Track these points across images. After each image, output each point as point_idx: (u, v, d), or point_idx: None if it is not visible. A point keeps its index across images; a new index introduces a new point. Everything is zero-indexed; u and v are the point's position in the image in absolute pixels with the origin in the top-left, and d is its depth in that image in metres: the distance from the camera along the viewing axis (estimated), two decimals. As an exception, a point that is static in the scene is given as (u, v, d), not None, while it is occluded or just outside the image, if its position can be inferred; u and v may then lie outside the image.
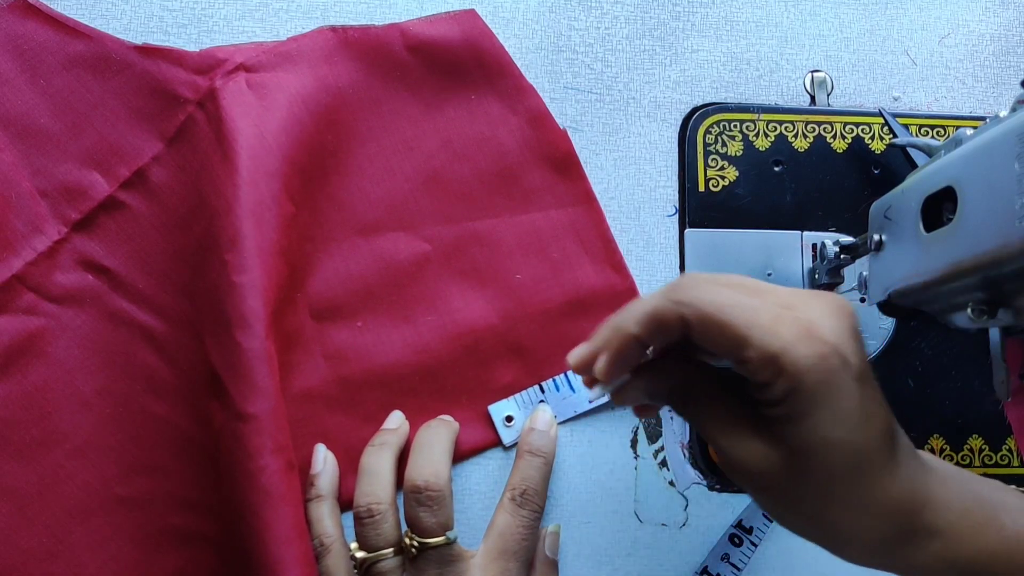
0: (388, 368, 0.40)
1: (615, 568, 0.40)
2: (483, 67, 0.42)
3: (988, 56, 0.47)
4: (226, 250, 0.36)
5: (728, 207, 0.43)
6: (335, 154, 0.41)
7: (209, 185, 0.38)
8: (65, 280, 0.39)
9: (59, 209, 0.39)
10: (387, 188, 0.41)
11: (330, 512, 0.38)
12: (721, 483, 0.41)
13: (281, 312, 0.38)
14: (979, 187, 0.27)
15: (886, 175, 0.44)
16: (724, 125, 0.44)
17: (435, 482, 0.36)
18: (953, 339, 0.43)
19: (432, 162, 0.42)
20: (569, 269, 0.42)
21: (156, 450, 0.38)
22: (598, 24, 0.45)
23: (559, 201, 0.42)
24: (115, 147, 0.40)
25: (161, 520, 0.38)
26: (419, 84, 0.42)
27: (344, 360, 0.40)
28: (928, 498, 0.28)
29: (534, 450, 0.39)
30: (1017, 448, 0.43)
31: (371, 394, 0.40)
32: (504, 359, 0.41)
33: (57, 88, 0.40)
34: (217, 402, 0.36)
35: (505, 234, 0.42)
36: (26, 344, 0.38)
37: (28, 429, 0.37)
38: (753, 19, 0.46)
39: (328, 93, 0.41)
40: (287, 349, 0.39)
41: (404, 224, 0.41)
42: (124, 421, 0.38)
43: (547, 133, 0.42)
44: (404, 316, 0.41)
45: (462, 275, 0.41)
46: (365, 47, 0.41)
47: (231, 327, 0.36)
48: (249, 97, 0.39)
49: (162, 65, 0.40)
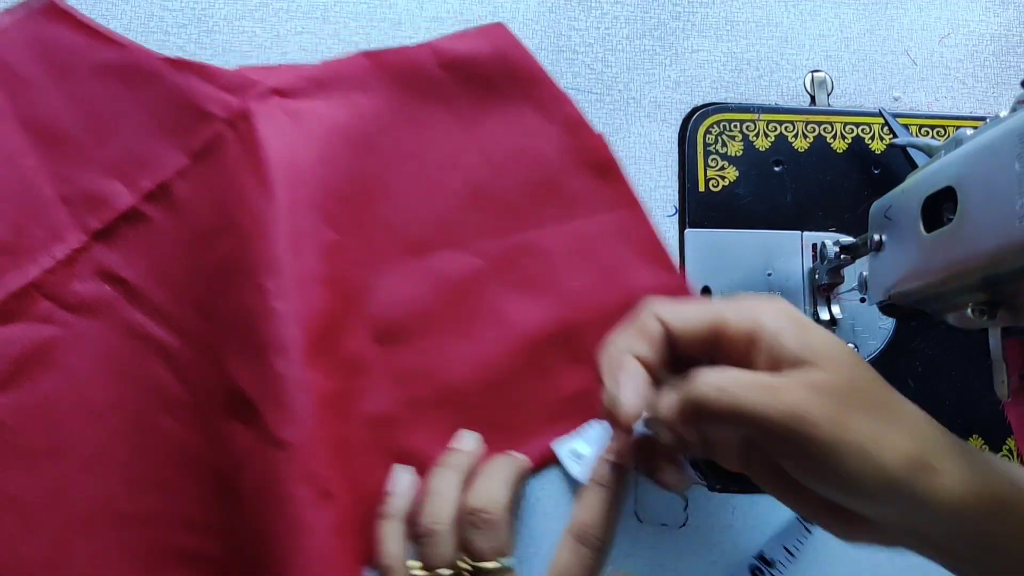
0: (454, 385, 0.40)
1: (615, 568, 0.40)
2: (516, 78, 0.42)
3: (988, 56, 0.47)
4: (264, 277, 0.37)
5: (728, 207, 0.43)
6: (378, 177, 0.41)
7: (240, 207, 0.38)
8: (82, 289, 0.39)
9: (80, 217, 0.39)
10: (433, 206, 0.41)
11: (397, 533, 0.37)
12: (721, 483, 0.41)
13: (337, 340, 0.38)
14: (979, 187, 0.27)
15: (886, 175, 0.44)
16: (724, 125, 0.44)
17: (490, 506, 0.35)
18: (953, 339, 0.43)
19: (475, 176, 0.41)
20: (621, 272, 0.41)
21: (163, 467, 0.38)
22: (598, 24, 0.45)
23: (604, 205, 0.42)
24: (140, 158, 0.39)
25: (165, 538, 0.38)
26: (455, 100, 0.42)
27: (410, 381, 0.40)
28: (950, 444, 0.28)
29: (599, 479, 0.35)
30: (1017, 448, 0.43)
31: (440, 412, 0.40)
32: (567, 367, 0.41)
33: (85, 95, 0.39)
34: (241, 424, 0.36)
35: (554, 243, 0.41)
36: (39, 353, 0.38)
37: (36, 439, 0.37)
38: (753, 19, 0.46)
39: (364, 120, 0.41)
40: (352, 375, 0.39)
41: (454, 240, 0.41)
42: (133, 435, 0.38)
43: (585, 139, 0.42)
44: (464, 332, 0.40)
45: (517, 287, 0.41)
46: (398, 68, 0.41)
47: (267, 353, 0.36)
48: (285, 125, 0.39)
49: (192, 79, 0.40)
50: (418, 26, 0.44)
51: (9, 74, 0.39)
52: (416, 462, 0.39)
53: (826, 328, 0.42)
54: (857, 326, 0.42)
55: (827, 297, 0.42)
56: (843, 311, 0.42)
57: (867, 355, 0.42)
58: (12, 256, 0.38)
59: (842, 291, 0.42)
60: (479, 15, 0.44)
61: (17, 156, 0.39)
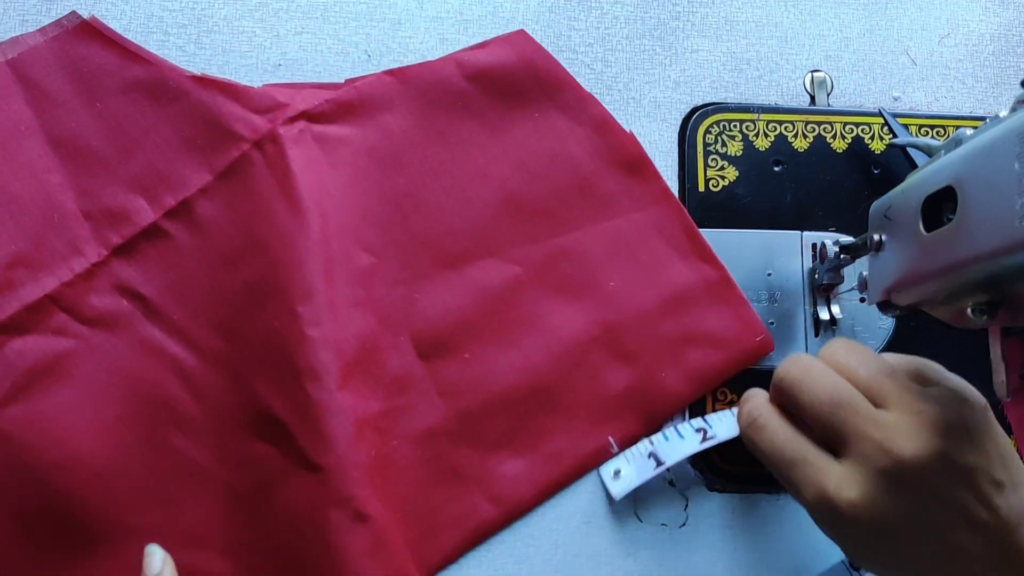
0: (502, 395, 0.40)
1: (615, 568, 0.40)
2: (542, 84, 0.42)
3: (988, 56, 0.47)
4: (297, 303, 0.37)
5: (728, 207, 0.43)
6: (412, 195, 0.41)
7: (269, 231, 0.38)
8: (99, 303, 0.38)
9: (101, 232, 0.39)
10: (469, 217, 0.41)
11: None
12: (721, 483, 0.41)
13: (379, 361, 0.39)
14: (979, 187, 0.27)
15: (886, 175, 0.44)
16: (724, 125, 0.44)
17: None
18: (953, 339, 0.43)
19: (508, 185, 0.42)
20: (660, 268, 0.41)
21: (171, 484, 0.38)
22: (598, 24, 0.45)
23: (638, 203, 0.42)
24: (163, 175, 0.39)
25: (170, 554, 0.37)
26: (482, 111, 0.42)
27: (459, 394, 0.40)
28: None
29: None
30: (1017, 448, 0.43)
31: (491, 423, 0.40)
32: (613, 368, 0.41)
33: (112, 111, 0.40)
34: (271, 446, 0.37)
35: (591, 244, 0.41)
36: (52, 365, 0.37)
37: (44, 452, 0.37)
38: (753, 19, 0.46)
39: (393, 140, 0.41)
40: (397, 393, 0.39)
41: (491, 250, 0.41)
42: (142, 451, 0.37)
43: (615, 138, 0.42)
44: (508, 341, 0.40)
45: (556, 292, 0.41)
46: (424, 85, 0.42)
47: (300, 378, 0.37)
48: (315, 151, 0.40)
49: (218, 97, 0.40)
50: (418, 26, 0.44)
51: (38, 92, 0.39)
52: (469, 477, 0.40)
53: (826, 328, 0.42)
54: (857, 326, 0.42)
55: (827, 297, 0.42)
56: (843, 311, 0.42)
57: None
58: (30, 269, 0.38)
59: (842, 291, 0.42)
60: (479, 15, 0.44)
61: (42, 172, 0.39)
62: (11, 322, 0.37)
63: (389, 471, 0.38)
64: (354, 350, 0.38)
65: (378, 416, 0.39)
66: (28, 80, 0.39)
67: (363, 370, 0.39)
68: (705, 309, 0.41)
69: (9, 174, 0.39)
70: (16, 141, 0.39)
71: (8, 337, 0.37)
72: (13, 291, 0.37)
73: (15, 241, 0.38)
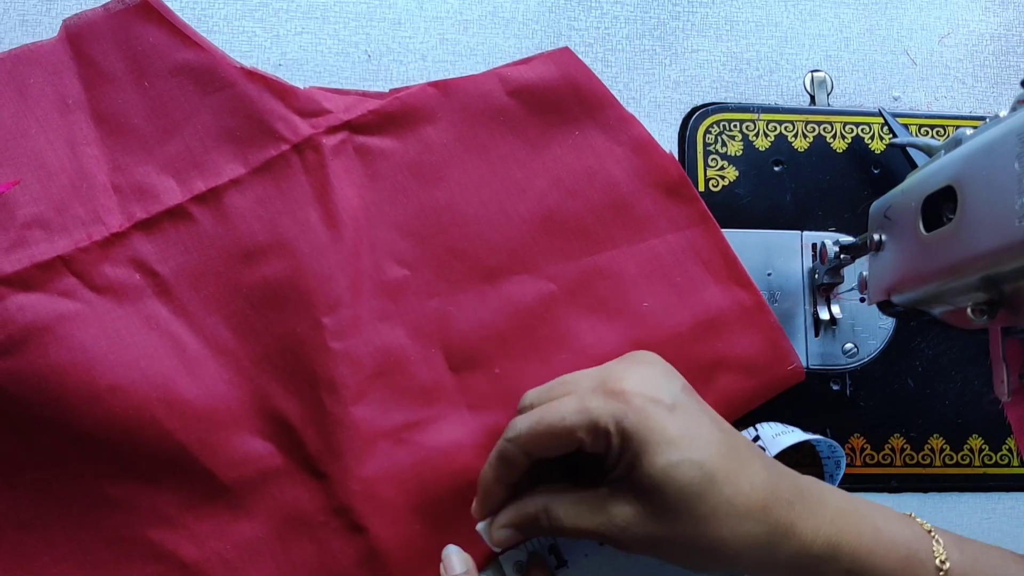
0: None
1: (615, 568, 0.40)
2: (583, 102, 0.42)
3: (988, 56, 0.47)
4: (323, 313, 0.38)
5: (728, 207, 0.43)
6: (449, 208, 0.41)
7: (299, 236, 0.39)
8: (111, 273, 0.39)
9: (127, 205, 0.39)
10: (505, 232, 0.41)
11: None
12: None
13: (407, 373, 0.39)
14: (979, 187, 0.27)
15: (886, 175, 0.44)
16: (724, 125, 0.44)
17: None
18: (953, 339, 0.43)
19: (546, 201, 0.41)
20: (695, 291, 0.41)
21: (152, 460, 0.38)
22: (598, 24, 0.45)
23: (675, 225, 0.42)
24: (197, 160, 0.40)
25: (138, 529, 0.38)
26: (523, 126, 0.42)
27: (487, 408, 0.40)
28: (801, 491, 0.31)
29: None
30: (1017, 448, 0.43)
31: None
32: None
33: (158, 91, 0.40)
34: (271, 445, 0.38)
35: (626, 264, 0.41)
36: (51, 324, 0.37)
37: (32, 408, 0.37)
38: (753, 19, 0.46)
39: (433, 153, 0.41)
40: (427, 404, 0.39)
41: (527, 266, 0.41)
42: (129, 423, 0.37)
43: (655, 159, 0.42)
44: (539, 358, 0.40)
45: (590, 310, 0.41)
46: (466, 98, 0.42)
47: (317, 388, 0.38)
48: (355, 162, 0.40)
49: (263, 93, 0.40)
50: (418, 26, 0.44)
51: (91, 68, 0.40)
52: None
53: (826, 328, 0.42)
54: (857, 326, 0.42)
55: (827, 297, 0.42)
56: (843, 311, 0.42)
57: (867, 355, 0.42)
58: (47, 230, 0.38)
59: (842, 291, 0.42)
60: (479, 15, 0.44)
61: (80, 143, 0.39)
62: (16, 276, 0.37)
63: (411, 484, 0.38)
64: (376, 363, 0.39)
65: (400, 428, 0.39)
66: (83, 56, 0.40)
67: (386, 381, 0.39)
68: (738, 334, 0.40)
69: (45, 143, 0.39)
70: (60, 114, 0.39)
71: (11, 290, 0.37)
72: (25, 248, 0.38)
73: (37, 203, 0.38)
